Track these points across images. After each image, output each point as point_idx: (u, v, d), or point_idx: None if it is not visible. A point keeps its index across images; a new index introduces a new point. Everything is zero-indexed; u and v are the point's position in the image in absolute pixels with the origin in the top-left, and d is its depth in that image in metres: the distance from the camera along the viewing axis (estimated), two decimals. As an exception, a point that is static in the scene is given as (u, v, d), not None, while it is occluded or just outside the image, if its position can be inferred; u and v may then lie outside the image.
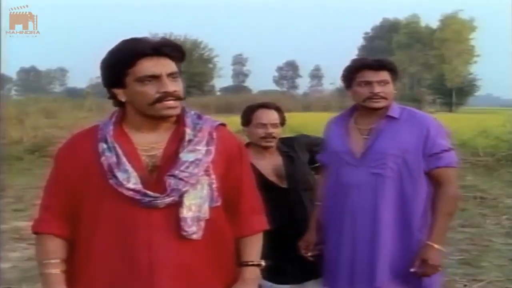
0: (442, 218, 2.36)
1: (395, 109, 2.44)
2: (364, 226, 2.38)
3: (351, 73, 2.46)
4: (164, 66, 1.71)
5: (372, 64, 2.43)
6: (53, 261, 1.76)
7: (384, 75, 2.41)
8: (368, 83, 2.40)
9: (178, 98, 1.73)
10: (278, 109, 2.75)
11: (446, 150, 2.38)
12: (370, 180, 2.37)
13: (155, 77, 1.70)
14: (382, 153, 2.36)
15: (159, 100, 1.70)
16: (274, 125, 2.67)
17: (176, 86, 1.72)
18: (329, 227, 2.53)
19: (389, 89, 2.41)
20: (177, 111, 1.74)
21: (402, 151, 2.36)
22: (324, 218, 2.56)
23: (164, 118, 1.75)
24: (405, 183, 2.36)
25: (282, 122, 2.74)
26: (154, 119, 1.75)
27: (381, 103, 2.40)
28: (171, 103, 1.71)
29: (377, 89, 2.38)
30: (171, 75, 1.72)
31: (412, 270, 2.31)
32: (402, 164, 2.36)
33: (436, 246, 2.32)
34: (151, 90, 1.70)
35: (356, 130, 2.47)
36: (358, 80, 2.43)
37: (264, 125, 2.65)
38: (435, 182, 2.39)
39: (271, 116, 2.69)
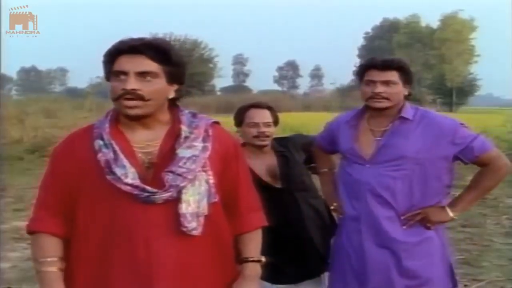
0: (475, 191, 2.41)
1: (408, 110, 2.41)
2: (372, 227, 2.38)
3: (361, 72, 2.46)
4: (135, 64, 1.71)
5: (377, 64, 2.41)
6: (49, 259, 1.76)
7: (391, 76, 2.38)
8: (372, 83, 2.39)
9: (139, 98, 1.71)
10: (270, 108, 2.74)
11: (473, 139, 2.34)
12: (381, 181, 2.36)
13: (125, 74, 1.71)
14: (394, 155, 2.35)
15: (120, 97, 1.71)
16: (266, 124, 2.66)
17: (141, 86, 1.70)
18: (341, 222, 2.56)
19: (395, 89, 2.38)
20: (136, 111, 1.72)
21: (416, 152, 2.33)
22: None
23: (127, 117, 1.75)
24: (414, 184, 2.35)
25: (276, 121, 2.73)
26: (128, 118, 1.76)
27: (382, 104, 2.38)
28: (129, 102, 1.70)
29: (380, 89, 2.36)
30: (142, 74, 1.71)
31: (403, 217, 2.36)
32: (415, 165, 2.33)
33: (450, 213, 2.38)
34: (117, 87, 1.72)
35: (368, 131, 2.46)
36: (365, 79, 2.43)
37: (257, 124, 2.65)
38: (481, 166, 2.40)
39: (263, 115, 2.68)
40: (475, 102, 65.16)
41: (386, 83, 2.37)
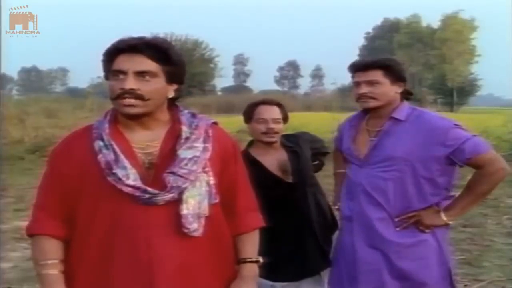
0: (469, 196, 2.33)
1: (402, 111, 2.39)
2: (364, 227, 2.38)
3: (352, 75, 2.47)
4: (134, 63, 1.70)
5: (360, 65, 2.43)
6: (50, 261, 1.75)
7: (373, 75, 2.37)
8: (358, 84, 2.40)
9: (138, 97, 1.69)
10: (279, 105, 2.76)
11: (465, 141, 2.26)
12: (372, 181, 2.36)
13: (124, 73, 1.69)
14: (384, 156, 2.34)
15: (119, 96, 1.70)
16: (275, 121, 2.68)
17: (140, 85, 1.69)
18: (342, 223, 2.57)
19: (380, 89, 2.37)
20: (135, 110, 1.71)
21: (406, 153, 2.31)
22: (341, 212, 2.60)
23: (126, 116, 1.74)
24: (407, 185, 2.33)
25: (285, 118, 2.74)
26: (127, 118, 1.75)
27: (370, 103, 2.39)
28: (127, 101, 1.69)
29: (364, 89, 2.37)
30: (141, 73, 1.70)
31: (397, 219, 2.33)
32: (405, 166, 2.31)
33: (444, 217, 2.33)
34: (115, 86, 1.71)
35: (365, 131, 2.47)
36: (353, 81, 2.45)
37: (265, 121, 2.66)
38: (476, 169, 2.33)
39: (273, 111, 2.70)
40: (476, 102, 65.05)
41: (370, 83, 2.37)
